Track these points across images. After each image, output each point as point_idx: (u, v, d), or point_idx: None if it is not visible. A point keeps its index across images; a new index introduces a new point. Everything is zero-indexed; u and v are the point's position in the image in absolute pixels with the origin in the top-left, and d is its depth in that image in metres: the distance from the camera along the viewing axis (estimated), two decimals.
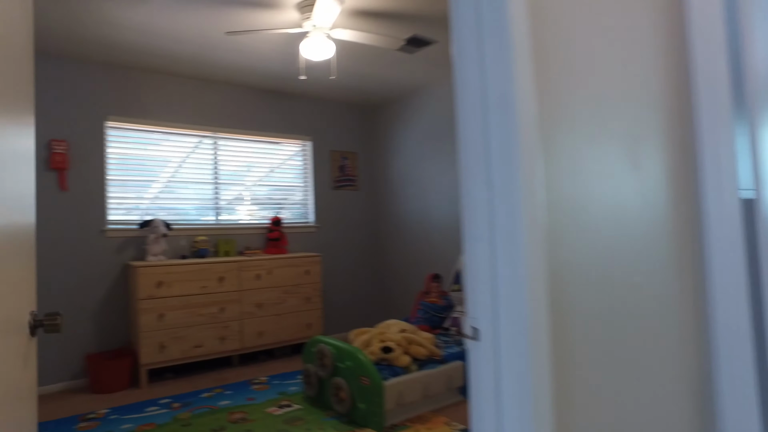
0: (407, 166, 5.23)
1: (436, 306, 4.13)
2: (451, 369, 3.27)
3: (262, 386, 3.68)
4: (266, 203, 4.94)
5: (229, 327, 4.11)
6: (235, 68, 4.23)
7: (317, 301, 4.66)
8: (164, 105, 4.33)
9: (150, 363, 3.72)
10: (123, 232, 4.08)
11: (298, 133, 5.13)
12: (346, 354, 3.04)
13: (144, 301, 3.71)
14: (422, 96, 5.04)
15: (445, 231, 4.77)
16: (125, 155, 4.17)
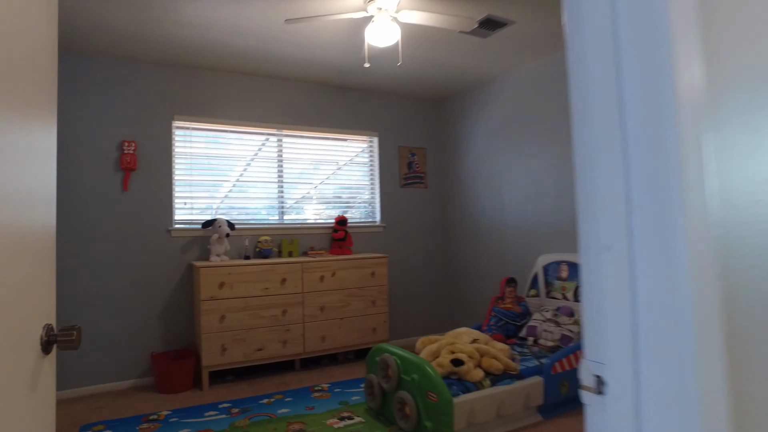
0: (479, 162, 4.88)
1: (511, 313, 3.77)
2: (528, 386, 2.91)
3: (323, 394, 3.49)
4: (332, 202, 4.78)
5: (291, 330, 3.97)
6: (297, 62, 4.08)
7: (383, 304, 4.43)
8: (228, 103, 4.27)
9: (211, 365, 3.65)
10: (188, 232, 4.05)
11: (364, 128, 4.93)
12: (412, 366, 2.77)
13: (206, 302, 3.64)
14: (495, 85, 4.67)
15: (521, 230, 4.37)
16: (191, 154, 4.15)
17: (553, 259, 3.93)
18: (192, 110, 4.12)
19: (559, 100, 4.02)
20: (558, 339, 3.41)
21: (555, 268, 3.90)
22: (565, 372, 3.07)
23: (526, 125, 4.32)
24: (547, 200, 4.11)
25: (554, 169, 4.06)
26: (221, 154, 4.27)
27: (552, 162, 4.08)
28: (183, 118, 4.08)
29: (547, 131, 4.12)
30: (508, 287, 3.93)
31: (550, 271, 3.95)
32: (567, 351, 3.11)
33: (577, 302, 3.67)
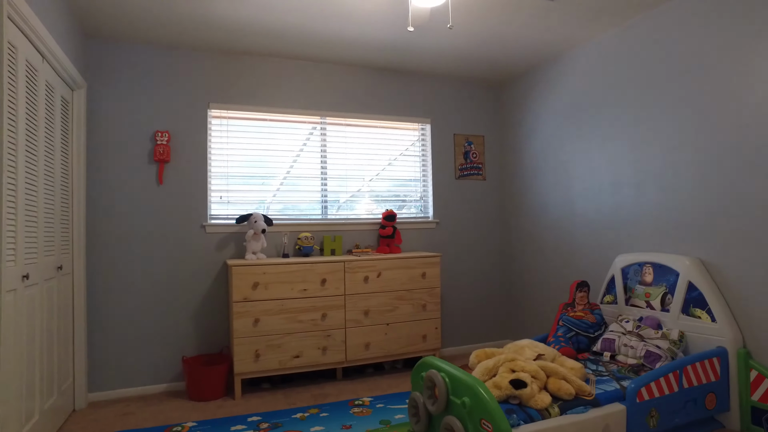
0: (545, 149, 4.31)
1: (583, 323, 3.21)
2: (607, 415, 2.36)
3: (364, 410, 3.10)
4: (379, 195, 4.38)
5: (332, 336, 3.61)
6: (340, 40, 3.71)
7: (434, 309, 3.98)
8: (267, 90, 3.98)
9: (244, 372, 3.35)
10: (224, 228, 3.80)
11: (415, 114, 4.50)
12: (463, 386, 2.31)
13: (238, 304, 3.35)
14: (563, 62, 4.08)
15: (595, 226, 3.77)
16: (228, 145, 3.89)
17: (634, 260, 3.32)
18: (228, 98, 3.86)
19: (639, 75, 3.40)
20: (641, 356, 2.82)
21: (637, 270, 3.29)
22: (655, 399, 2.49)
23: (601, 106, 3.72)
24: (626, 191, 3.50)
25: (634, 155, 3.44)
26: (260, 145, 3.98)
27: (632, 146, 3.46)
28: (219, 107, 3.83)
29: (626, 111, 3.50)
30: (579, 292, 3.36)
31: (630, 274, 3.34)
32: (657, 373, 2.53)
33: (665, 311, 3.05)
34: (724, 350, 2.77)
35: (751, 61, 2.74)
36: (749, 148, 2.76)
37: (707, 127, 2.97)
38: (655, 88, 3.29)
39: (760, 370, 2.67)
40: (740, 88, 2.80)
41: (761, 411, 2.66)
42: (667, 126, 3.21)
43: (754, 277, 2.74)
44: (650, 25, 3.32)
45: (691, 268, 2.95)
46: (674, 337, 2.88)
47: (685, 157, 3.10)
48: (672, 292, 3.03)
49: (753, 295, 2.75)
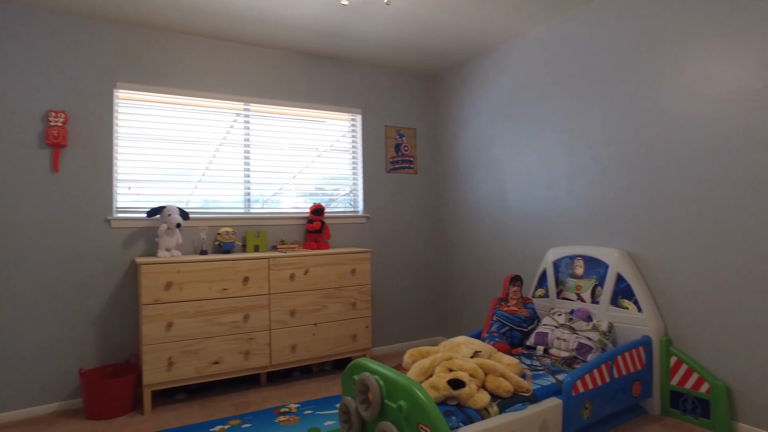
0: (479, 143, 4.27)
1: (516, 317, 3.17)
2: (544, 411, 2.31)
3: (291, 418, 2.86)
4: (308, 189, 4.13)
5: (255, 339, 3.33)
6: (266, 20, 3.43)
7: (365, 307, 3.80)
8: (186, 70, 3.60)
9: (155, 383, 3.00)
10: (133, 222, 3.39)
11: (345, 104, 4.29)
12: (398, 389, 2.15)
13: (149, 307, 2.98)
14: (498, 55, 4.05)
15: (528, 220, 3.77)
16: (140, 131, 3.48)
17: (565, 253, 3.33)
18: (140, 78, 3.45)
19: (571, 70, 3.42)
20: (574, 349, 2.81)
21: (568, 263, 3.31)
22: (589, 391, 2.47)
23: (534, 100, 3.72)
24: (559, 185, 3.52)
25: (566, 149, 3.46)
26: (178, 133, 3.61)
27: (564, 141, 3.48)
28: (128, 87, 3.41)
29: (558, 106, 3.52)
30: (513, 287, 3.33)
31: (561, 267, 3.35)
32: (590, 365, 2.52)
33: (596, 303, 3.08)
34: (649, 339, 2.83)
35: (675, 61, 2.81)
36: (671, 145, 2.83)
37: (633, 123, 3.03)
38: (586, 84, 3.32)
39: (679, 356, 2.75)
40: (664, 87, 2.87)
41: (678, 394, 2.75)
42: (597, 121, 3.25)
43: (674, 268, 2.82)
44: (582, 22, 3.34)
45: (620, 260, 3.00)
46: (604, 328, 2.90)
47: (612, 152, 3.15)
48: (602, 284, 3.07)
49: (674, 285, 2.82)
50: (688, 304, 2.76)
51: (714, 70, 2.65)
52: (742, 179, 2.53)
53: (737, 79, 2.56)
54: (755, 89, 2.49)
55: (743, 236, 2.52)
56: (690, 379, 2.69)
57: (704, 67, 2.69)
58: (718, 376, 2.63)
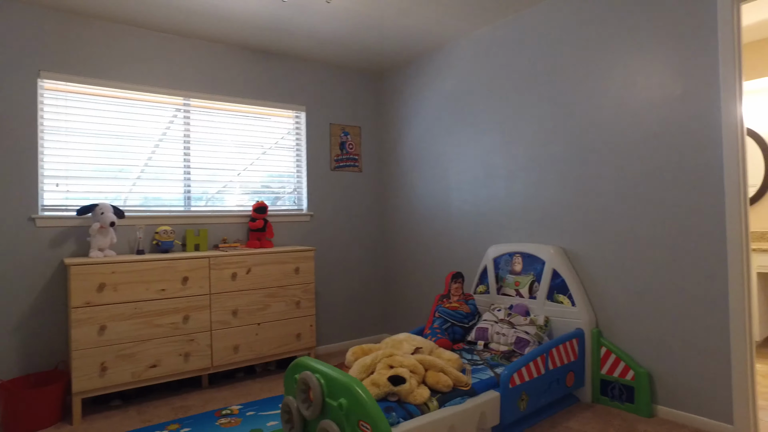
0: (422, 142, 4.33)
1: (458, 313, 3.24)
2: (482, 403, 2.38)
3: (232, 420, 2.81)
4: (252, 187, 4.05)
5: (196, 340, 3.25)
6: (208, 13, 3.33)
7: (309, 306, 3.78)
8: (122, 62, 3.44)
9: (86, 390, 2.86)
10: (61, 221, 3.21)
11: (290, 101, 4.24)
12: (339, 387, 2.16)
13: (79, 310, 2.84)
14: (441, 54, 4.12)
15: (469, 218, 3.86)
16: (69, 124, 3.30)
17: (505, 250, 3.44)
18: (69, 67, 3.27)
19: (510, 72, 3.53)
20: (512, 343, 2.91)
21: (507, 260, 3.42)
22: (525, 383, 2.57)
23: (476, 100, 3.81)
24: (499, 183, 3.62)
25: (506, 149, 3.57)
26: (113, 128, 3.44)
27: (503, 140, 3.59)
28: (55, 77, 3.22)
29: (498, 106, 3.62)
30: (454, 283, 3.41)
31: (501, 264, 3.46)
32: (526, 358, 2.62)
33: (533, 299, 3.20)
34: (582, 331, 2.97)
35: (603, 68, 2.96)
36: (599, 147, 2.99)
37: (566, 125, 3.16)
38: (524, 86, 3.43)
39: (608, 346, 2.90)
40: (594, 93, 3.02)
41: (607, 382, 2.90)
42: (534, 123, 3.37)
43: (603, 263, 2.98)
44: (522, 26, 3.45)
45: (555, 256, 3.13)
46: (540, 322, 3.02)
47: (548, 153, 3.28)
48: (539, 280, 3.19)
49: (603, 279, 2.98)
50: (616, 297, 2.92)
51: (637, 78, 2.81)
52: (662, 180, 2.70)
53: (657, 87, 2.73)
54: (673, 97, 2.66)
55: (663, 233, 2.70)
56: (618, 367, 2.85)
57: (628, 75, 2.85)
58: (641, 364, 2.81)
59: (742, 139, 2.46)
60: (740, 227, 2.42)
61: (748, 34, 4.06)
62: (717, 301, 2.51)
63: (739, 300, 2.43)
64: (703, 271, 2.56)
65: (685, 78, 2.61)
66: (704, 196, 2.55)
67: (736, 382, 2.44)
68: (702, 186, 2.56)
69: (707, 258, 2.54)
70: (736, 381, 2.44)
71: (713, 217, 2.52)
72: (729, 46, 2.46)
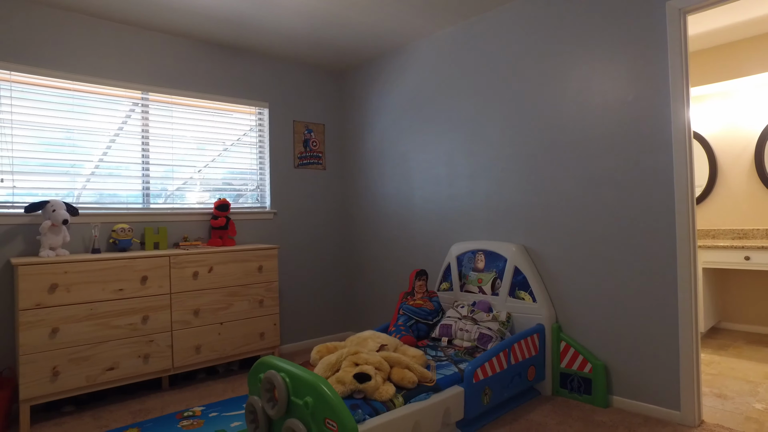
0: (385, 140, 4.34)
1: (422, 311, 3.28)
2: (447, 398, 2.42)
3: (195, 422, 2.75)
4: (213, 184, 3.96)
5: (156, 341, 3.16)
6: (166, 3, 3.23)
7: (272, 304, 3.74)
8: (75, 52, 3.30)
9: (35, 396, 2.73)
10: (7, 219, 3.06)
11: (252, 97, 4.17)
12: (304, 385, 2.15)
13: (28, 312, 2.71)
14: (405, 53, 4.15)
15: (432, 216, 3.91)
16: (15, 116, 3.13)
17: (468, 248, 3.50)
18: (15, 56, 3.10)
19: (472, 73, 3.59)
20: (475, 339, 2.97)
21: (470, 257, 3.48)
22: (488, 378, 2.62)
23: (438, 99, 3.85)
24: (461, 182, 3.68)
25: (468, 148, 3.63)
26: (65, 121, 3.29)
27: (466, 140, 3.65)
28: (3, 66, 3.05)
29: (461, 106, 3.68)
30: (418, 281, 3.45)
31: (464, 262, 3.52)
32: (489, 354, 2.67)
33: (495, 295, 3.28)
34: (542, 326, 3.05)
35: (563, 70, 3.06)
36: (558, 147, 3.08)
37: (527, 126, 3.25)
38: (486, 86, 3.50)
39: (567, 341, 3.00)
40: (553, 94, 3.11)
41: (567, 375, 3.00)
42: (496, 123, 3.44)
43: (562, 260, 3.08)
44: (485, 27, 3.52)
45: (517, 254, 3.21)
46: (503, 318, 3.09)
47: (510, 153, 3.36)
48: (501, 277, 3.26)
49: (562, 276, 3.08)
50: (574, 293, 3.03)
51: (592, 83, 2.92)
52: (616, 180, 2.82)
53: (612, 91, 2.84)
54: (626, 101, 2.78)
55: (617, 231, 2.81)
56: (576, 361, 2.96)
57: (586, 78, 2.95)
58: (598, 357, 2.92)
59: (689, 142, 2.59)
60: (688, 225, 2.56)
61: (694, 44, 4.28)
62: (666, 295, 2.64)
63: (687, 294, 2.56)
64: (654, 268, 2.68)
65: (638, 83, 2.73)
66: (655, 196, 2.67)
67: (683, 371, 2.57)
68: (653, 186, 2.68)
69: (658, 255, 2.66)
70: (683, 370, 2.57)
71: (663, 216, 2.64)
72: (677, 54, 2.58)
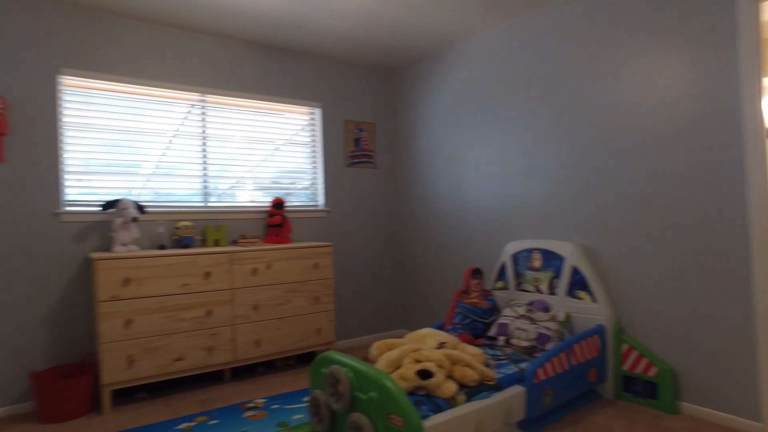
0: (436, 138, 4.34)
1: (478, 309, 3.27)
2: (509, 398, 2.40)
3: (258, 413, 2.84)
4: (265, 182, 4.07)
5: (219, 334, 3.28)
6: (226, 10, 3.34)
7: (328, 301, 3.81)
8: (139, 58, 3.47)
9: (115, 382, 2.90)
10: (85, 216, 3.24)
11: (304, 98, 4.25)
12: (368, 380, 2.18)
13: (106, 304, 2.88)
14: (457, 51, 4.12)
15: (486, 215, 3.88)
16: (89, 120, 3.32)
17: (523, 246, 3.46)
18: (88, 64, 3.28)
19: (527, 69, 3.53)
20: (534, 338, 2.93)
21: (526, 256, 3.43)
22: (549, 378, 2.59)
23: (492, 96, 3.81)
24: (516, 180, 3.63)
25: (523, 146, 3.58)
26: (130, 123, 3.47)
27: (520, 137, 3.60)
28: (74, 73, 3.23)
29: (515, 103, 3.63)
30: (474, 279, 3.43)
31: (520, 261, 3.47)
32: (550, 354, 2.64)
33: (553, 295, 3.22)
34: (603, 328, 2.98)
35: (622, 65, 2.97)
36: (619, 143, 2.99)
37: (586, 122, 3.17)
38: (542, 82, 3.44)
39: (631, 343, 2.92)
40: (613, 89, 3.02)
41: (630, 378, 2.92)
42: (552, 119, 3.37)
43: (625, 260, 2.99)
44: (539, 21, 3.46)
45: (575, 253, 3.14)
46: (561, 318, 3.04)
47: (565, 150, 3.29)
48: (558, 276, 3.20)
49: (625, 276, 2.99)
50: (638, 294, 2.94)
51: (654, 76, 2.82)
52: (682, 178, 2.71)
53: (674, 85, 2.73)
54: (691, 95, 2.67)
55: (684, 231, 2.71)
56: (640, 363, 2.87)
57: (645, 73, 2.85)
58: (664, 360, 2.82)
59: (763, 136, 2.46)
60: (765, 225, 2.43)
61: None
62: (740, 298, 2.52)
63: (763, 297, 2.44)
64: (724, 268, 2.57)
65: (704, 76, 2.61)
66: (725, 194, 2.55)
67: (763, 379, 2.45)
68: (722, 184, 2.56)
69: (729, 256, 2.55)
70: (763, 378, 2.45)
71: (734, 215, 2.52)
72: (750, 43, 2.45)
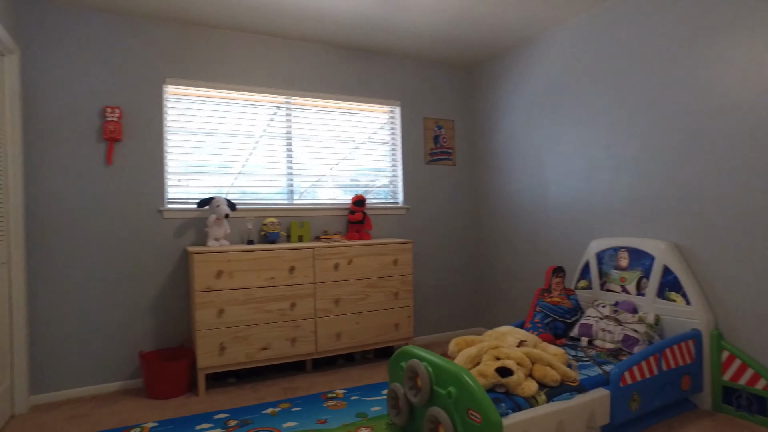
0: (517, 134, 4.25)
1: (560, 308, 3.17)
2: (592, 401, 2.32)
3: (338, 403, 2.95)
4: (346, 180, 4.20)
5: (302, 326, 3.44)
6: (308, 14, 3.49)
7: (407, 296, 3.86)
8: (229, 65, 3.71)
9: (209, 366, 3.14)
10: (183, 213, 3.53)
11: (384, 96, 4.33)
12: (447, 376, 2.20)
13: (201, 294, 3.11)
14: (537, 44, 4.02)
15: (568, 212, 3.75)
16: (186, 124, 3.61)
17: (608, 245, 3.31)
18: (187, 73, 3.57)
19: (613, 59, 3.36)
20: (619, 341, 2.80)
21: (611, 255, 3.28)
22: (637, 383, 2.46)
23: (575, 90, 3.67)
24: (601, 176, 3.48)
25: (609, 140, 3.42)
26: (221, 125, 3.72)
27: (606, 131, 3.44)
28: (176, 82, 3.53)
29: (600, 95, 3.47)
30: (555, 278, 3.33)
31: (605, 259, 3.33)
32: (638, 357, 2.51)
33: (641, 295, 3.05)
34: (699, 332, 2.78)
35: (721, 49, 2.74)
36: (717, 136, 2.77)
37: (678, 113, 2.96)
38: (629, 74, 3.26)
39: (732, 350, 2.70)
40: (708, 78, 2.80)
41: (731, 390, 2.70)
42: (641, 111, 3.19)
43: (724, 261, 2.76)
44: (625, 10, 3.28)
45: (667, 252, 2.95)
46: (650, 320, 2.87)
47: (656, 143, 3.09)
48: (647, 276, 3.03)
49: (724, 277, 2.77)
50: (741, 297, 2.71)
51: (764, 57, 2.57)
52: None
53: None
54: None
55: None
56: (744, 374, 2.64)
57: (751, 57, 2.60)
58: None
59: None
60: None
61: None
62: None
63: None
64: None
65: None
66: None
67: None
68: None
69: None
70: None
71: None
72: None
